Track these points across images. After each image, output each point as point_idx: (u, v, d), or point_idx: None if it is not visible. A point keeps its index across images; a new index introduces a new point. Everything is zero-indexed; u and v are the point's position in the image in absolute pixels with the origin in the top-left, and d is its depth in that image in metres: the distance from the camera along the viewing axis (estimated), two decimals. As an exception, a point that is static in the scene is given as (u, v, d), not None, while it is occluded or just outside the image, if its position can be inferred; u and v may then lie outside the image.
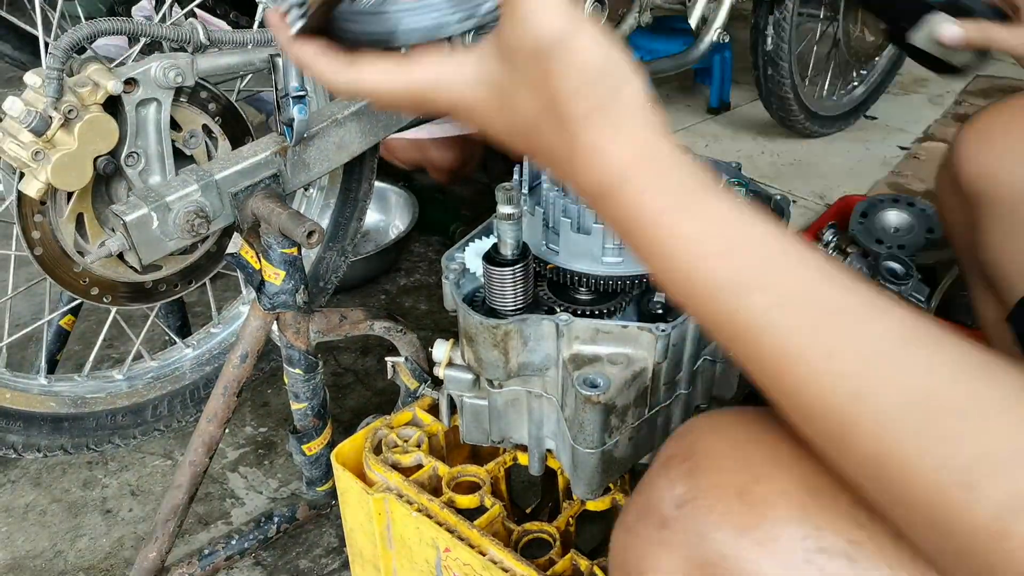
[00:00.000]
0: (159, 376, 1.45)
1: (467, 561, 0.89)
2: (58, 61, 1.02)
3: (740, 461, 0.54)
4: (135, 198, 1.07)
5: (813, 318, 0.47)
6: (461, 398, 0.93)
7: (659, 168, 0.51)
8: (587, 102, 0.50)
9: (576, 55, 0.50)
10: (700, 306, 0.51)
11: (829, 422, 0.46)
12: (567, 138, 0.52)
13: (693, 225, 0.50)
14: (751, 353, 0.49)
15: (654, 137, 0.52)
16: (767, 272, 0.48)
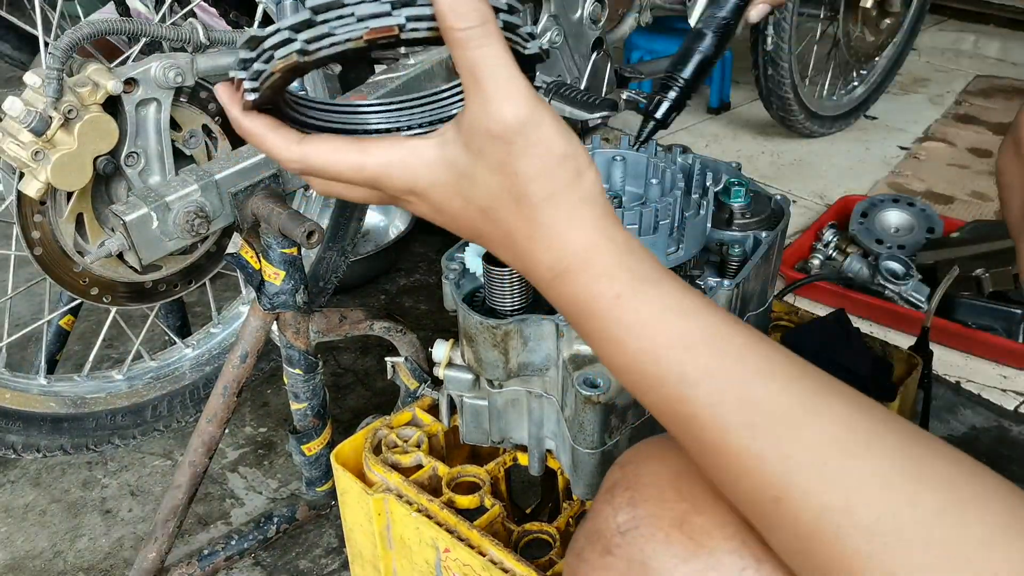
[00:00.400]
0: (159, 376, 1.45)
1: (467, 561, 0.89)
2: (58, 61, 1.02)
3: (681, 491, 0.55)
4: (135, 198, 1.07)
5: (749, 419, 0.48)
6: (461, 398, 0.93)
7: (616, 254, 0.52)
8: (549, 186, 0.52)
9: (540, 140, 0.51)
10: (647, 393, 0.52)
11: (756, 516, 0.49)
12: (526, 218, 0.52)
13: (645, 313, 0.51)
14: (692, 442, 0.51)
15: (611, 224, 0.53)
16: (711, 368, 0.50)
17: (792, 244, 1.96)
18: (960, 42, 3.40)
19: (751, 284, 0.91)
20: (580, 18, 1.38)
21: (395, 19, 0.50)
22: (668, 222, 0.84)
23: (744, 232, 0.95)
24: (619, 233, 0.54)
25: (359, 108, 0.58)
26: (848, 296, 1.78)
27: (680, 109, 0.90)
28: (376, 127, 0.58)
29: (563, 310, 0.55)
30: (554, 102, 1.33)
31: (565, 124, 0.52)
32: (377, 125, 0.58)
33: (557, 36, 1.35)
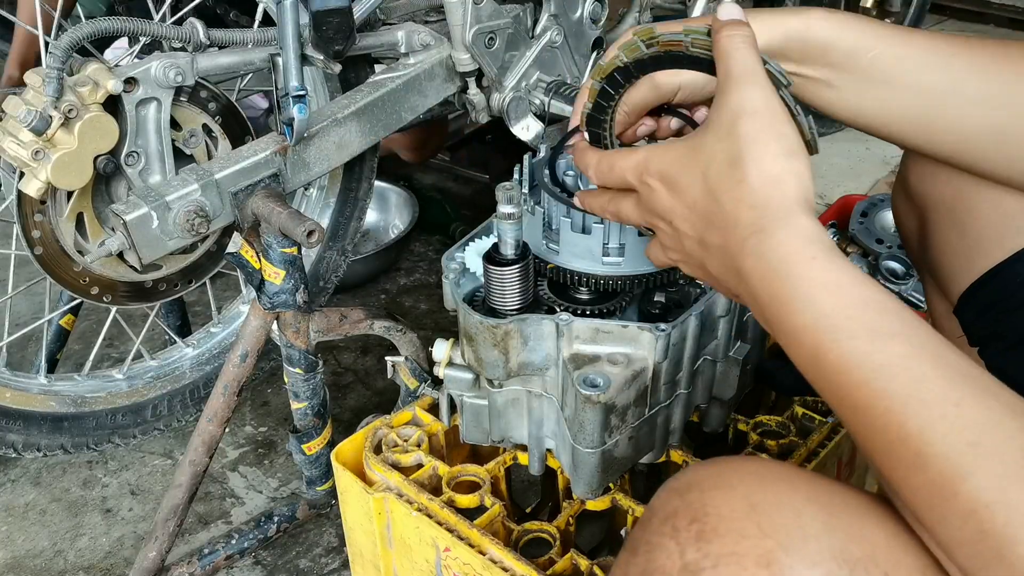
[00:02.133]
0: (159, 375, 1.45)
1: (467, 561, 0.89)
2: (58, 60, 1.02)
3: (761, 525, 0.50)
4: (135, 197, 1.07)
5: (943, 370, 0.49)
6: (461, 398, 0.93)
7: (811, 223, 0.56)
8: (759, 159, 0.57)
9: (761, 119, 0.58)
10: (833, 349, 0.52)
11: (941, 469, 0.46)
12: (736, 178, 0.58)
13: (838, 275, 0.54)
14: (875, 398, 0.50)
15: (808, 200, 0.58)
16: (903, 326, 0.51)
17: (792, 244, 1.95)
18: (960, 42, 3.39)
19: (751, 284, 0.91)
20: (580, 18, 1.38)
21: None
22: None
23: (744, 232, 0.95)
24: (813, 209, 0.57)
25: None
26: (848, 296, 1.77)
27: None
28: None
29: (748, 274, 0.57)
30: (554, 102, 1.33)
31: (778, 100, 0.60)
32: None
33: (557, 36, 1.35)
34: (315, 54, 1.16)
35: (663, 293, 0.88)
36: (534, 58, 1.33)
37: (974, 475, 0.45)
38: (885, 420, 0.49)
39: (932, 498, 0.47)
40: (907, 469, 0.48)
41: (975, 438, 0.46)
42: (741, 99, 0.58)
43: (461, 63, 1.27)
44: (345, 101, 1.21)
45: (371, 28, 1.27)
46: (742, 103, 0.58)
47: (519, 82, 1.33)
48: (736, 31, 0.61)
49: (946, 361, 0.49)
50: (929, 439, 0.47)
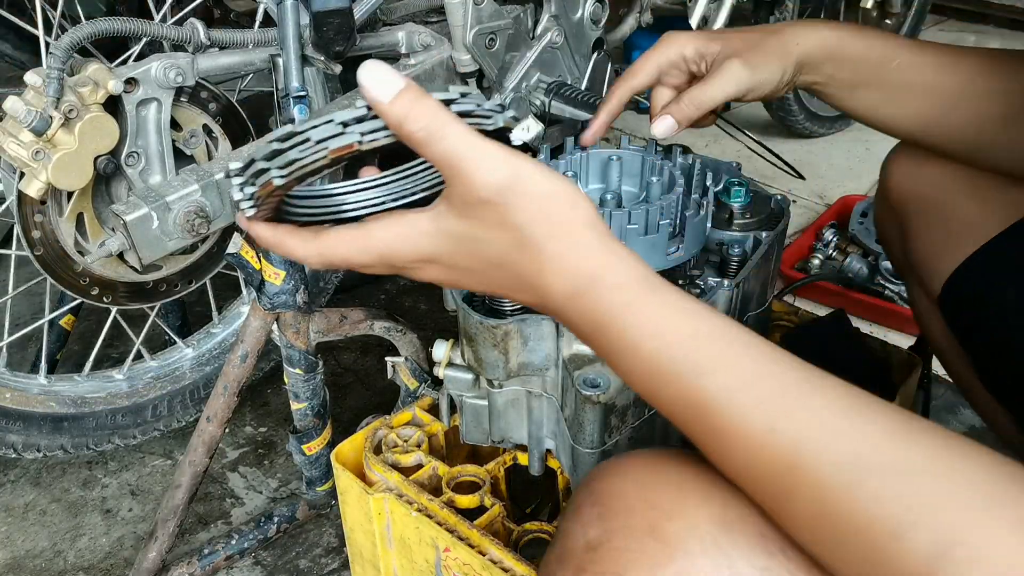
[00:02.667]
0: (159, 376, 1.45)
1: (467, 561, 0.89)
2: (59, 61, 1.02)
3: (649, 500, 0.56)
4: (135, 198, 1.07)
5: (759, 396, 0.52)
6: (461, 398, 0.93)
7: (622, 268, 0.57)
8: (547, 224, 0.56)
9: (527, 190, 0.56)
10: (662, 390, 0.55)
11: (772, 489, 0.51)
12: (534, 257, 0.57)
13: (657, 315, 0.55)
14: (708, 431, 0.54)
15: (612, 242, 0.58)
16: (723, 356, 0.53)
17: (792, 244, 1.96)
18: (960, 42, 3.38)
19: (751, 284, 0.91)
20: (581, 18, 1.38)
21: (351, 136, 0.56)
22: (669, 222, 0.84)
23: (744, 232, 0.95)
24: (621, 249, 0.58)
25: (349, 190, 0.63)
26: (848, 296, 1.78)
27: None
28: (369, 206, 0.63)
29: (580, 329, 0.59)
30: (555, 103, 1.33)
31: (546, 167, 0.57)
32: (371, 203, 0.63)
33: (557, 37, 1.35)
34: (315, 55, 1.16)
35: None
36: (534, 59, 1.33)
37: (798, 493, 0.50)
38: (720, 451, 0.54)
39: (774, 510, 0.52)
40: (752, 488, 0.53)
41: (792, 462, 0.50)
42: (485, 184, 0.55)
43: (462, 64, 1.27)
44: (345, 102, 1.21)
45: (372, 29, 1.27)
46: (485, 191, 0.55)
47: (519, 83, 1.33)
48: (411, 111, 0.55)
49: (765, 383, 0.52)
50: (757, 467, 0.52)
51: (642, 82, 0.90)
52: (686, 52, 0.88)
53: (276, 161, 0.58)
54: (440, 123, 0.54)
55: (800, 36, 0.87)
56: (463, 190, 0.56)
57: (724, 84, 0.86)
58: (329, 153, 0.56)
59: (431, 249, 0.59)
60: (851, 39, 0.87)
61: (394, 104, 0.54)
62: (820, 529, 0.49)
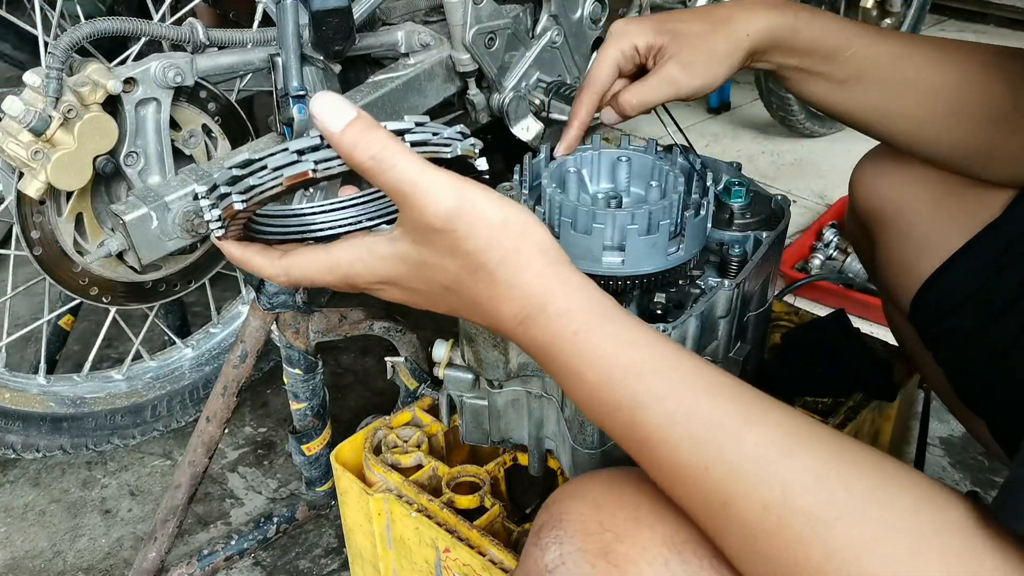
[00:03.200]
0: (158, 376, 1.45)
1: (467, 561, 0.89)
2: (58, 60, 1.02)
3: (603, 523, 0.58)
4: (134, 198, 1.07)
5: (695, 433, 0.52)
6: (461, 398, 0.93)
7: (571, 295, 0.57)
8: (499, 251, 0.57)
9: (476, 218, 0.56)
10: (606, 420, 0.56)
11: (707, 525, 0.53)
12: (486, 284, 0.58)
13: (600, 346, 0.56)
14: (649, 464, 0.55)
15: (565, 268, 0.58)
16: (659, 391, 0.54)
17: (792, 244, 1.95)
18: (960, 42, 3.39)
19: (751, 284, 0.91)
20: (580, 18, 1.38)
21: (305, 165, 0.58)
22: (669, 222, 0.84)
23: (744, 232, 0.95)
24: (573, 276, 0.58)
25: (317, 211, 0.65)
26: (848, 296, 1.78)
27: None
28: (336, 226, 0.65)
29: (532, 354, 0.60)
30: (554, 102, 1.33)
31: (498, 195, 0.58)
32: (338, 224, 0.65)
33: (557, 36, 1.35)
34: (315, 54, 1.16)
35: (663, 294, 0.88)
36: (534, 58, 1.33)
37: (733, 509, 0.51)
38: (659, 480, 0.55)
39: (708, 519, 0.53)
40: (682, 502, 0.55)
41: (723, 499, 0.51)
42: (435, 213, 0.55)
43: (461, 63, 1.27)
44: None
45: (371, 28, 1.27)
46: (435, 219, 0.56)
47: (519, 82, 1.33)
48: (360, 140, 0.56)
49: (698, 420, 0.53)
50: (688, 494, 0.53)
51: (604, 83, 0.90)
52: (638, 43, 0.87)
53: (237, 187, 0.60)
54: (389, 153, 0.55)
55: (751, 24, 0.85)
56: (413, 218, 0.57)
57: (660, 88, 0.86)
58: (284, 180, 0.58)
59: (388, 272, 0.61)
60: (805, 25, 0.85)
61: (344, 134, 0.55)
62: (751, 564, 0.51)
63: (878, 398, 1.06)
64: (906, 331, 1.01)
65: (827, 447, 0.51)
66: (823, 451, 0.50)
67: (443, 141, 0.61)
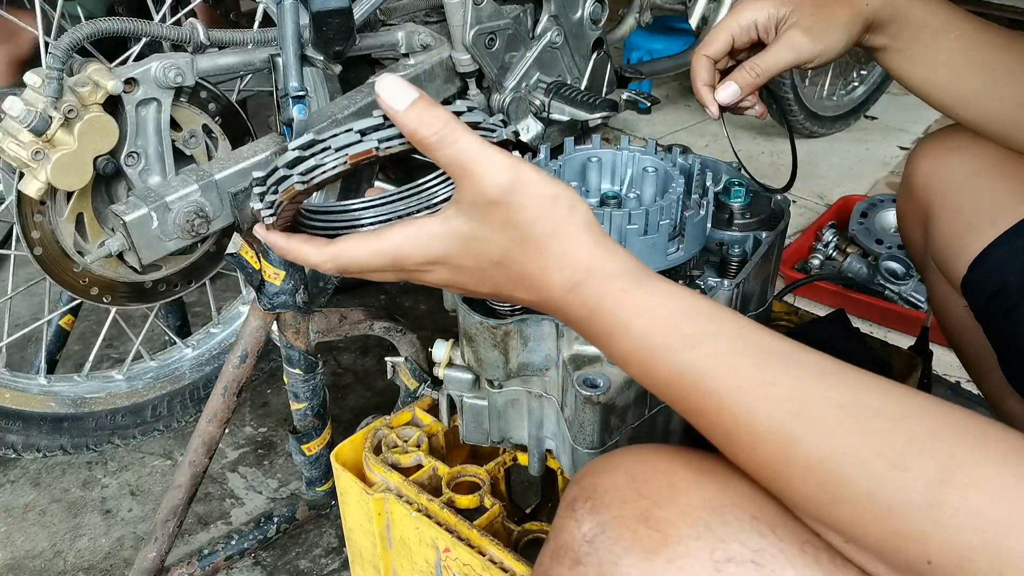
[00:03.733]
0: (159, 376, 1.45)
1: (467, 561, 0.89)
2: (58, 61, 1.02)
3: (640, 491, 0.59)
4: (135, 198, 1.07)
5: (754, 357, 0.55)
6: (461, 398, 0.93)
7: (617, 260, 0.61)
8: (550, 224, 0.60)
9: (529, 192, 0.60)
10: (657, 368, 0.58)
11: (774, 442, 0.53)
12: (537, 254, 0.61)
13: (647, 296, 0.59)
14: (703, 398, 0.56)
15: (608, 241, 0.62)
16: (712, 327, 0.57)
17: (792, 244, 1.96)
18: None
19: (751, 284, 0.91)
20: (580, 18, 1.38)
21: (368, 143, 0.60)
22: (668, 222, 0.84)
23: (744, 232, 0.95)
24: (616, 246, 0.62)
25: (361, 206, 0.67)
26: (848, 296, 1.78)
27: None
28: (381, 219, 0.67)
29: (576, 320, 0.62)
30: (554, 102, 1.33)
31: (546, 172, 0.61)
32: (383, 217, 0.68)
33: (557, 36, 1.35)
34: (315, 55, 1.16)
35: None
36: (534, 59, 1.33)
37: (803, 440, 0.51)
38: (718, 415, 0.55)
39: (775, 468, 0.53)
40: (749, 450, 0.54)
41: (795, 408, 0.52)
42: (492, 185, 0.59)
43: (461, 64, 1.27)
44: (345, 102, 1.21)
45: (371, 29, 1.27)
46: (493, 191, 0.59)
47: (519, 83, 1.33)
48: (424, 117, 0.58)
49: (755, 347, 0.55)
50: (757, 421, 0.53)
51: (718, 49, 0.92)
52: (758, 18, 0.90)
53: (298, 168, 0.61)
54: (451, 129, 0.58)
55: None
56: (472, 191, 0.59)
57: (784, 53, 0.88)
58: (349, 159, 0.60)
59: (439, 250, 0.62)
60: (918, 5, 0.90)
61: (408, 112, 0.58)
62: (826, 475, 0.50)
63: (878, 398, 1.06)
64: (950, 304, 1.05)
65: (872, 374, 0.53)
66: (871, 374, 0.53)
67: (490, 126, 0.65)
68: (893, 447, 0.48)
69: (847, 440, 0.50)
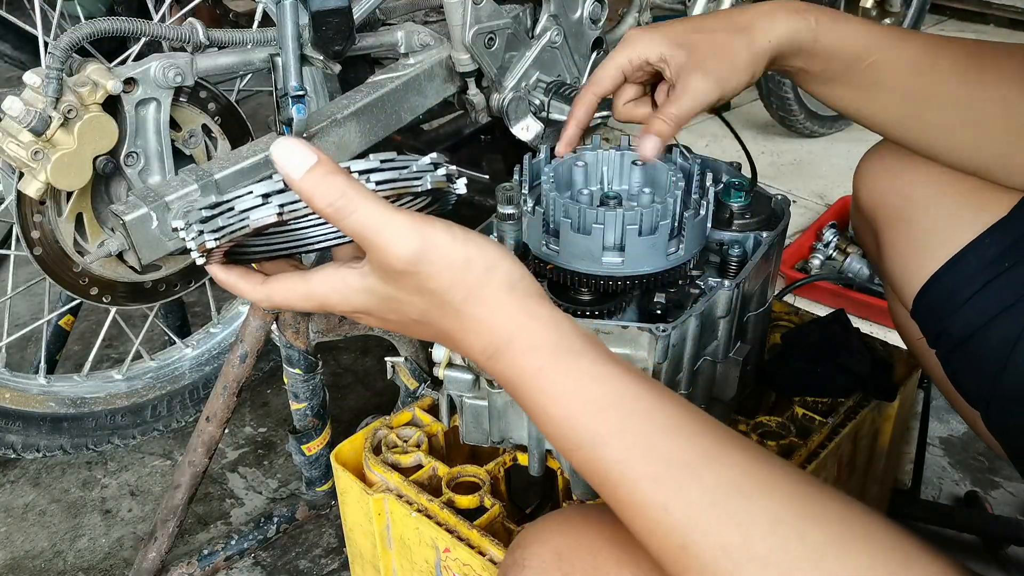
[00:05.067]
0: (158, 376, 1.45)
1: (467, 561, 0.89)
2: (58, 61, 1.02)
3: (562, 569, 0.59)
4: (134, 198, 1.07)
5: (654, 470, 0.52)
6: (461, 398, 0.93)
7: (538, 331, 0.58)
8: (462, 290, 0.58)
9: (438, 259, 0.57)
10: (572, 455, 0.56)
11: (669, 561, 0.52)
12: (454, 318, 0.59)
13: (563, 382, 0.56)
14: (611, 501, 0.55)
15: (533, 303, 0.59)
16: (620, 428, 0.54)
17: (792, 244, 1.95)
18: (960, 42, 3.39)
19: (751, 284, 0.91)
20: (580, 18, 1.38)
21: (270, 208, 0.59)
22: (668, 222, 0.84)
23: (744, 232, 0.95)
24: (542, 310, 0.59)
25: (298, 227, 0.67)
26: (848, 296, 1.78)
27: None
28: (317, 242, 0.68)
29: (500, 383, 0.60)
30: (554, 102, 1.33)
31: (462, 232, 0.59)
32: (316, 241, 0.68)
33: (557, 36, 1.35)
34: (314, 54, 1.16)
35: (663, 294, 0.88)
36: (534, 58, 1.33)
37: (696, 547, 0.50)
38: (623, 513, 0.54)
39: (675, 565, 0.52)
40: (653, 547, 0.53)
41: (681, 540, 0.51)
42: (398, 257, 0.57)
43: (461, 63, 1.27)
44: (344, 102, 1.21)
45: (371, 28, 1.27)
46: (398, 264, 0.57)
47: (519, 82, 1.33)
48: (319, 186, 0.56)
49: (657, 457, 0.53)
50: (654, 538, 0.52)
51: (606, 87, 0.89)
52: (650, 55, 0.86)
53: (208, 225, 0.62)
54: (347, 200, 0.56)
55: (771, 30, 0.83)
56: (378, 260, 0.58)
57: (692, 101, 0.83)
58: (251, 224, 0.59)
59: (361, 303, 0.62)
60: (826, 30, 0.83)
61: (304, 180, 0.56)
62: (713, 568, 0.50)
63: (878, 398, 1.06)
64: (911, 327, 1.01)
65: (789, 491, 0.51)
66: (784, 495, 0.50)
67: (413, 175, 0.62)
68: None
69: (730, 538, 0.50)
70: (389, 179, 0.61)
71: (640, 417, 0.54)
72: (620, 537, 0.58)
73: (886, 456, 1.16)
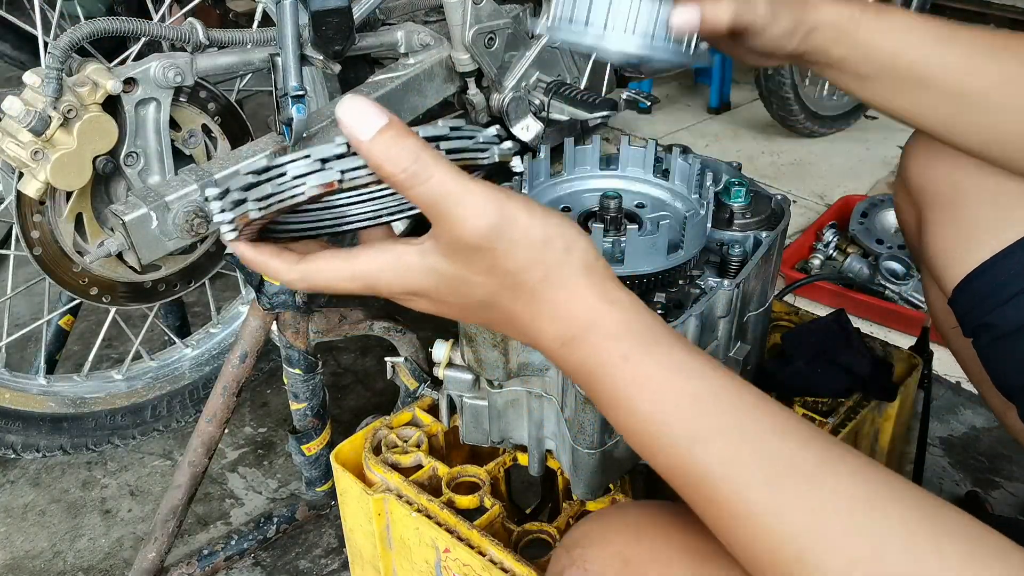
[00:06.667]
0: (158, 376, 1.45)
1: (467, 562, 0.89)
2: (57, 61, 1.02)
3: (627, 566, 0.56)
4: (134, 198, 1.07)
5: (767, 474, 0.48)
6: (461, 398, 0.93)
7: (620, 316, 0.53)
8: (540, 270, 0.53)
9: (517, 236, 0.52)
10: (658, 454, 0.52)
11: (781, 560, 0.48)
12: (526, 303, 0.54)
13: (654, 372, 0.52)
14: (706, 501, 0.50)
15: (613, 287, 0.54)
16: (724, 424, 0.50)
17: (792, 244, 1.95)
18: (960, 42, 3.38)
19: (751, 284, 0.91)
20: (580, 18, 1.38)
21: (331, 174, 0.52)
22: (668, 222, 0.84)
23: (744, 232, 0.95)
24: (622, 295, 0.54)
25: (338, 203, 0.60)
26: (848, 296, 1.78)
27: None
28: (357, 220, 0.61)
29: (574, 376, 0.56)
30: (554, 102, 1.33)
31: (540, 207, 0.54)
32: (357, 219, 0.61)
33: (557, 36, 1.35)
34: (314, 54, 1.16)
35: (663, 294, 0.88)
36: (534, 58, 1.33)
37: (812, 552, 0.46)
38: (720, 521, 0.50)
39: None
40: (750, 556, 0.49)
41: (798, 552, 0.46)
42: (473, 230, 0.51)
43: (461, 63, 1.27)
44: (344, 101, 1.20)
45: (371, 28, 1.27)
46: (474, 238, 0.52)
47: (519, 82, 1.33)
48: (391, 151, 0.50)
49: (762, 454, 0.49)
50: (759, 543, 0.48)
51: None
52: None
53: (253, 193, 0.55)
54: (422, 165, 0.50)
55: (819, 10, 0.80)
56: (450, 234, 0.53)
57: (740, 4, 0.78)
58: (306, 190, 0.53)
59: (417, 284, 0.57)
60: (869, 20, 0.79)
61: (374, 143, 0.50)
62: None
63: (878, 398, 1.06)
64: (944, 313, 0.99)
65: (916, 503, 0.47)
66: (912, 507, 0.47)
67: (479, 146, 0.57)
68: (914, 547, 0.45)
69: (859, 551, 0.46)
70: (458, 148, 0.55)
71: (746, 416, 0.50)
72: (693, 546, 0.54)
73: (886, 456, 1.16)
